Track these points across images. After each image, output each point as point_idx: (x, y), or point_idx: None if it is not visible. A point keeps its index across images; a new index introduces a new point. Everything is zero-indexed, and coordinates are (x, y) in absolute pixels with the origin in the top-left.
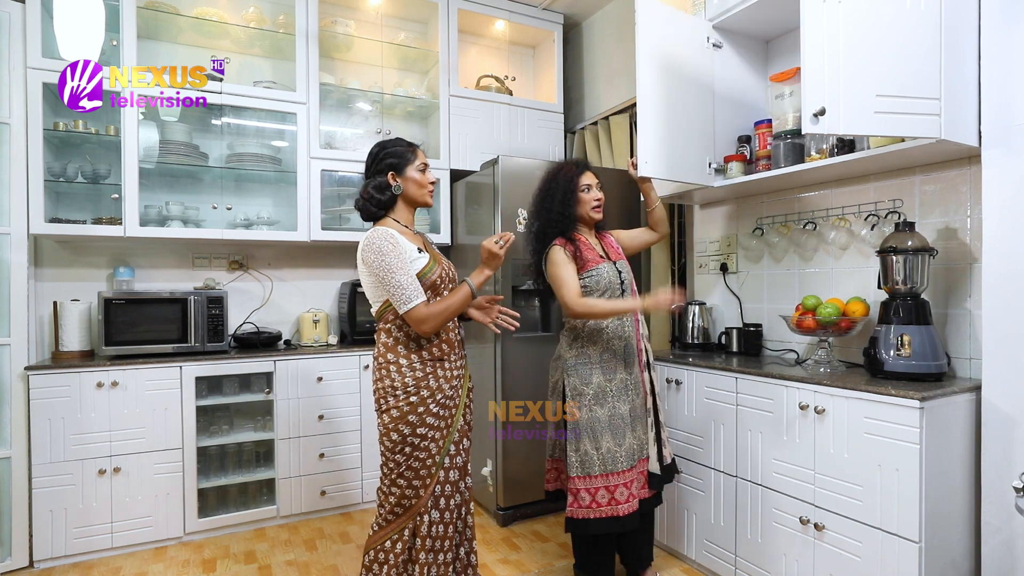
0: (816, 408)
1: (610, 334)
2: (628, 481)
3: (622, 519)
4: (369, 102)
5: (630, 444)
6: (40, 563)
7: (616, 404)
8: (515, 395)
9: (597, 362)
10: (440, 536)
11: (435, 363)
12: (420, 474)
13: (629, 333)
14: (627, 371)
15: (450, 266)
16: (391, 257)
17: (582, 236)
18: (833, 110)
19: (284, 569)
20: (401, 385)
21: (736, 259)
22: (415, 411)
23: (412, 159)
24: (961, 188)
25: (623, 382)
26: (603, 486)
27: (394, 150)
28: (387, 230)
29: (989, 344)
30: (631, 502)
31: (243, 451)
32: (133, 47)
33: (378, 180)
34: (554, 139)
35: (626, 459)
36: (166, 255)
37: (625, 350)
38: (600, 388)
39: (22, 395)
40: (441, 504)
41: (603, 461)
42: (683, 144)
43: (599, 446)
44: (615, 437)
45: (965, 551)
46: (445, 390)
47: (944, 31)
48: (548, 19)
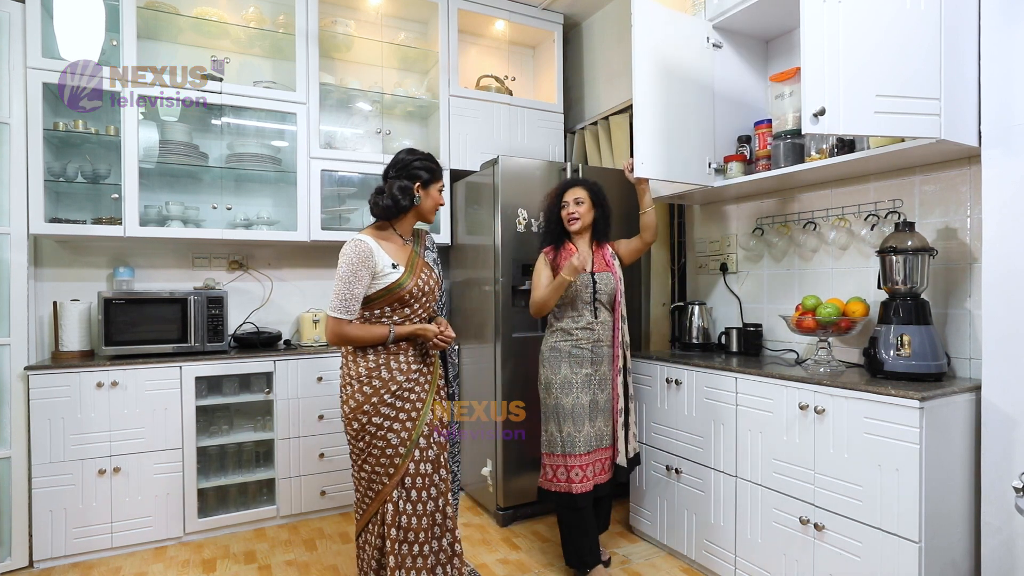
0: (816, 408)
1: (579, 335)
2: (584, 464)
3: (575, 496)
4: (369, 102)
5: (588, 432)
6: (40, 563)
7: (579, 395)
8: (514, 394)
9: (566, 357)
10: (415, 528)
11: (388, 355)
12: (381, 462)
13: (600, 336)
14: (592, 367)
15: (430, 279)
16: (345, 269)
17: (573, 246)
18: (833, 110)
19: (284, 569)
20: (355, 375)
21: (736, 259)
22: (369, 401)
23: (439, 178)
24: (961, 188)
25: (587, 377)
26: (562, 464)
27: (428, 165)
28: (366, 245)
29: (989, 344)
30: (584, 483)
31: (243, 451)
32: (133, 47)
33: (405, 184)
34: (554, 139)
35: (583, 444)
36: (166, 255)
37: (593, 349)
38: (566, 379)
39: (22, 395)
40: (413, 496)
41: (563, 443)
42: (682, 144)
43: (561, 429)
44: (575, 424)
45: (965, 551)
46: (400, 381)
47: (944, 31)
48: (548, 19)
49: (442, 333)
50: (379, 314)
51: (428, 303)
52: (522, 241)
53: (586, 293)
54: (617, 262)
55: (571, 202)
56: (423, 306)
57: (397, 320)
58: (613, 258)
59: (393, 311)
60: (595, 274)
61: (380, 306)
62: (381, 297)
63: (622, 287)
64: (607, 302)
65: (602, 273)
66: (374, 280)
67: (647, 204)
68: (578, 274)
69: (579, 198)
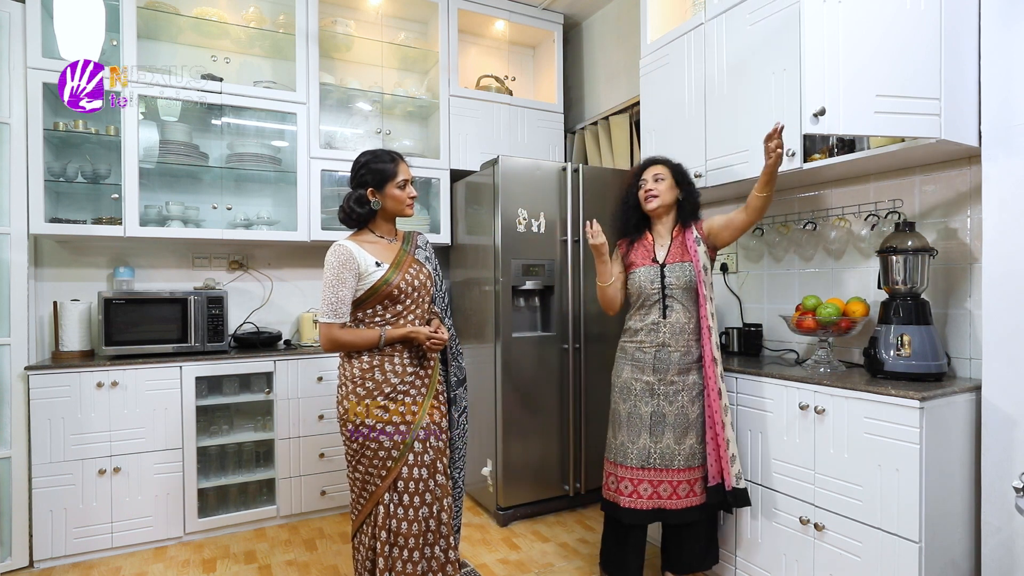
0: (816, 408)
1: (642, 336)
2: (636, 479)
3: (621, 509)
4: (369, 102)
5: (644, 445)
6: (40, 563)
7: (637, 403)
8: (515, 394)
9: (629, 360)
10: (405, 533)
11: (383, 358)
12: (375, 463)
13: (666, 340)
14: (656, 375)
15: (420, 275)
16: (329, 274)
17: (648, 237)
18: (833, 110)
19: (284, 569)
20: (350, 376)
21: (736, 259)
22: (362, 402)
23: (393, 176)
24: (961, 188)
25: (648, 385)
26: (612, 472)
27: (375, 167)
28: (345, 248)
29: (989, 344)
30: (635, 499)
31: (243, 451)
32: (133, 47)
33: (358, 194)
34: (554, 139)
35: (636, 458)
36: (166, 255)
37: (656, 355)
38: (626, 384)
39: (22, 395)
40: (405, 500)
41: (615, 450)
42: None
43: (616, 436)
44: (629, 433)
45: (965, 551)
46: (395, 384)
47: (944, 31)
48: (548, 19)
49: (434, 334)
50: (371, 314)
51: (421, 299)
52: (522, 241)
53: (652, 288)
54: (703, 248)
55: (650, 179)
56: (415, 302)
57: (390, 318)
58: (697, 243)
59: (385, 309)
60: (666, 266)
61: (371, 305)
62: (370, 297)
63: (708, 278)
64: (682, 298)
65: (675, 264)
66: (360, 281)
67: (769, 188)
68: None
69: (658, 174)
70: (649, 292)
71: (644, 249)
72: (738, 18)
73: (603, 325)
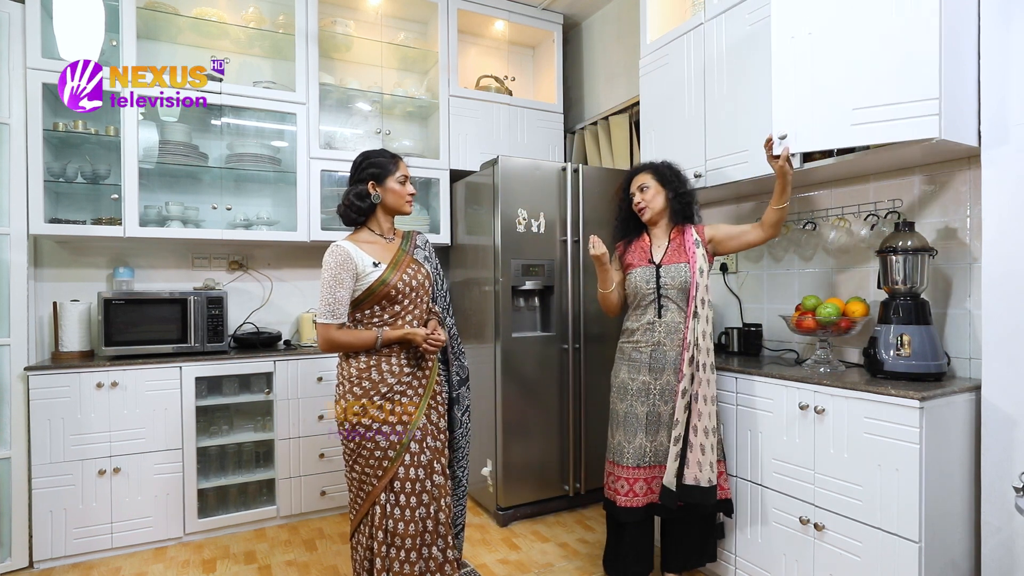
0: (816, 408)
1: (639, 336)
2: (632, 478)
3: (618, 508)
4: (369, 102)
5: (640, 444)
6: (40, 563)
7: (633, 403)
8: (515, 394)
9: (626, 360)
10: (402, 533)
11: (380, 358)
12: (371, 463)
13: (661, 339)
14: (652, 375)
15: (418, 275)
16: (327, 275)
17: (645, 238)
18: (802, 132)
19: (284, 569)
20: (347, 375)
21: (736, 259)
22: (359, 402)
23: (393, 171)
24: (961, 188)
25: (644, 385)
26: (611, 471)
27: (376, 160)
28: (342, 249)
29: (989, 344)
30: (631, 498)
31: (243, 451)
32: (133, 47)
33: (359, 188)
34: (554, 139)
35: (633, 457)
36: (166, 255)
37: (652, 354)
38: (623, 384)
39: (22, 395)
40: (402, 500)
41: (613, 450)
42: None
43: (613, 435)
44: (626, 433)
45: (965, 551)
46: (391, 384)
47: (944, 31)
48: (548, 19)
49: (431, 335)
50: (369, 315)
51: (419, 299)
52: (522, 241)
53: (647, 288)
54: (702, 250)
55: (636, 191)
56: (414, 303)
57: (388, 319)
58: (696, 245)
59: (383, 310)
60: (661, 266)
61: (369, 306)
62: (368, 297)
63: (702, 280)
64: (677, 299)
65: (671, 265)
66: (358, 281)
67: (785, 199)
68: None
69: (643, 184)
70: (645, 292)
71: (641, 250)
72: (738, 18)
73: (603, 325)
